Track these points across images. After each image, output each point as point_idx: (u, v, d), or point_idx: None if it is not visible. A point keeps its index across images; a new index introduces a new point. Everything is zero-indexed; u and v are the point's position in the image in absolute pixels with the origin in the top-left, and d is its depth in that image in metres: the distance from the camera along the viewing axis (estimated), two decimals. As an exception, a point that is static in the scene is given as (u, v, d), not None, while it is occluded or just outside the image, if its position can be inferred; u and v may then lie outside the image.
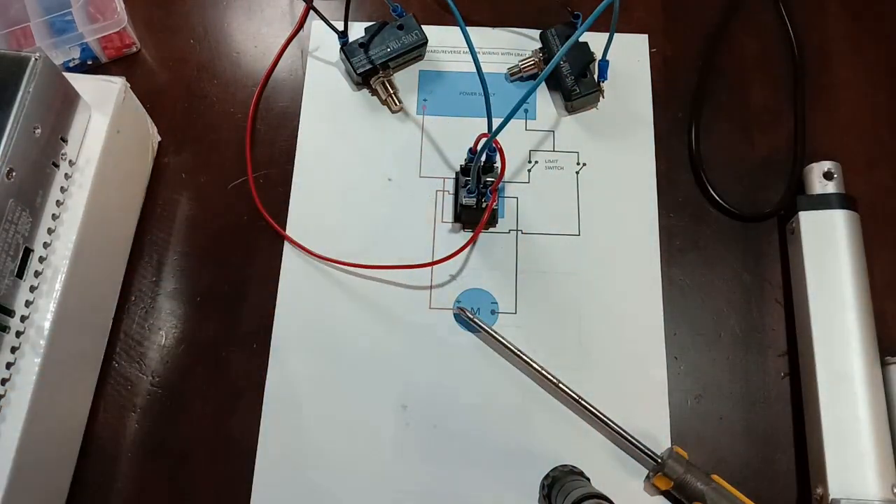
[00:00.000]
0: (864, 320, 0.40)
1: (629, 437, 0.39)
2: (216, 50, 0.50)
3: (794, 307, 0.43)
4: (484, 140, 0.38)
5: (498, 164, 0.41)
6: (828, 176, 0.44)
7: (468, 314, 0.42)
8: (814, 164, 0.44)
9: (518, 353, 0.41)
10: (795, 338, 0.42)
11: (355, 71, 0.47)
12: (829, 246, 0.41)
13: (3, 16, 0.45)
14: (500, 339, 0.41)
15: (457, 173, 0.45)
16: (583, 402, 0.40)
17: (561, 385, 0.40)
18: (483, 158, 0.40)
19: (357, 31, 0.48)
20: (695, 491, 0.37)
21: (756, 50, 0.50)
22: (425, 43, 0.48)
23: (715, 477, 0.38)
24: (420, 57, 0.49)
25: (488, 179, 0.42)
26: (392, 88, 0.47)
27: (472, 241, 0.43)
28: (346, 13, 0.46)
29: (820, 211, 0.42)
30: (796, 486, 0.40)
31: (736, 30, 0.50)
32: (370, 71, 0.47)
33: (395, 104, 0.47)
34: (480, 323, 0.42)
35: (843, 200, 0.42)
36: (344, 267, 0.44)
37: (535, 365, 0.41)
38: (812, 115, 0.48)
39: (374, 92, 0.48)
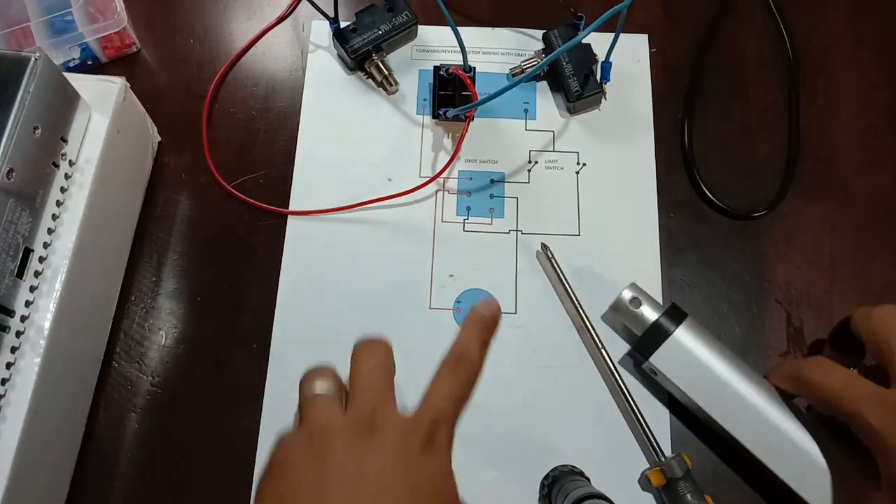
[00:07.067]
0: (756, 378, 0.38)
1: (643, 423, 0.39)
2: (216, 50, 0.50)
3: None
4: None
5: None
6: (634, 303, 0.40)
7: (468, 314, 0.42)
8: (616, 299, 0.40)
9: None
10: (795, 338, 0.42)
11: (349, 55, 0.47)
12: (695, 365, 0.38)
13: (3, 16, 0.45)
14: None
15: (436, 68, 0.46)
16: (607, 359, 0.40)
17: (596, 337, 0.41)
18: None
19: (350, 19, 0.48)
20: (682, 501, 0.37)
21: (755, 50, 0.50)
22: (416, 22, 0.48)
23: (708, 498, 0.37)
24: (412, 36, 0.49)
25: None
26: (387, 70, 0.47)
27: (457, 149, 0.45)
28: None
29: (663, 346, 0.38)
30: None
31: (735, 30, 0.50)
32: (364, 55, 0.47)
33: (391, 85, 0.47)
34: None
35: (671, 319, 0.39)
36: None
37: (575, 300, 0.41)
38: (812, 114, 0.48)
39: (369, 75, 0.48)
